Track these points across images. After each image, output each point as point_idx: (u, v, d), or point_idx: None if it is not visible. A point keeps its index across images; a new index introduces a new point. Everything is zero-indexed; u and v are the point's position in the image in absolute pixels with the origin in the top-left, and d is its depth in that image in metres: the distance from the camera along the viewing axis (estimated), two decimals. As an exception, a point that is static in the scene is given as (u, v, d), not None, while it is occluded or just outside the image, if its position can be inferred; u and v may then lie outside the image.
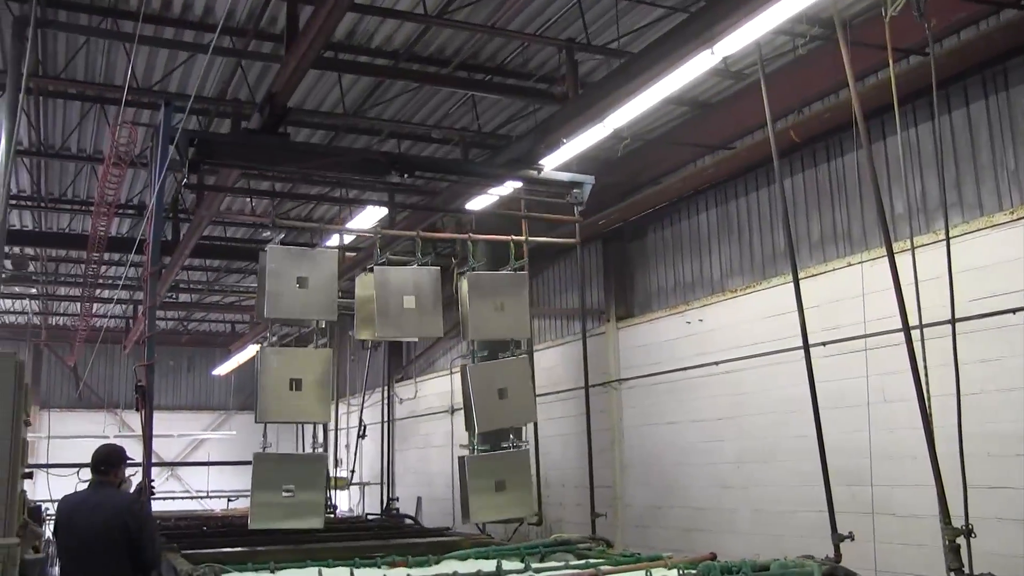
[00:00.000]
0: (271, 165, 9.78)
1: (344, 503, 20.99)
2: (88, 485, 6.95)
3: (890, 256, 6.04)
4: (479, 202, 10.76)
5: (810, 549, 5.91)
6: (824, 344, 9.81)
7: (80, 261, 18.31)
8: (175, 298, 21.75)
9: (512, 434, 8.50)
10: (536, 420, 8.81)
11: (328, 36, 7.79)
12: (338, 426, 20.34)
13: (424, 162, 11.75)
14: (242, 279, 21.33)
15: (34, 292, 20.97)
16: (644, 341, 13.87)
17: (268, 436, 7.56)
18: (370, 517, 14.61)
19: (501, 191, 10.38)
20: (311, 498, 7.56)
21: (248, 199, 15.24)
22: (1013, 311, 8.35)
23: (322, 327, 8.13)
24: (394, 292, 8.07)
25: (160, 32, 10.08)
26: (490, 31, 10.04)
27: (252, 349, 20.39)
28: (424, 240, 8.77)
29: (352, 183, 12.84)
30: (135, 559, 6.56)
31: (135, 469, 7.78)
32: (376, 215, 11.67)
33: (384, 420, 19.33)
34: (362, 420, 16.27)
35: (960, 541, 5.58)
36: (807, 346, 6.94)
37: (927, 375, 5.88)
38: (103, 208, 13.01)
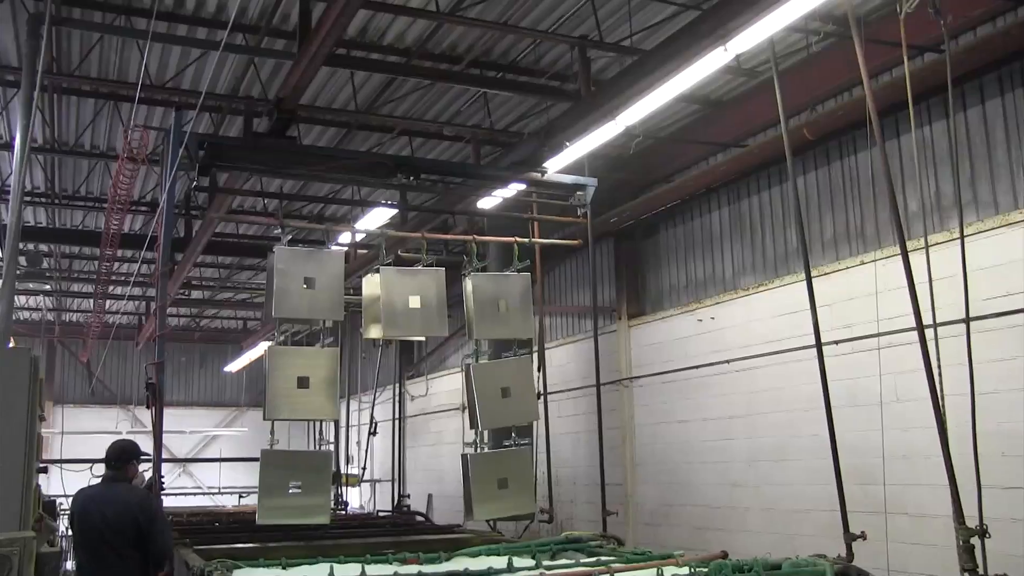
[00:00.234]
0: (279, 168, 9.91)
1: (355, 500, 21.03)
2: (102, 479, 7.08)
3: (904, 255, 5.99)
4: (488, 202, 10.78)
5: (822, 548, 5.87)
6: (837, 343, 9.78)
7: (94, 258, 18.39)
8: (187, 295, 21.83)
9: (514, 432, 8.59)
10: (538, 418, 8.85)
11: (340, 33, 7.82)
12: (349, 423, 20.41)
13: (430, 164, 11.81)
14: (254, 276, 21.38)
15: (48, 288, 21.06)
16: (656, 339, 13.85)
17: (282, 434, 7.63)
18: (381, 514, 14.62)
19: (509, 192, 10.41)
20: (318, 494, 7.65)
21: (262, 192, 15.26)
22: (1028, 310, 8.31)
23: (329, 326, 8.22)
24: (400, 292, 8.17)
25: (173, 29, 10.11)
26: (502, 28, 10.04)
27: (264, 346, 20.42)
28: (434, 240, 8.81)
29: (363, 182, 12.88)
30: (147, 551, 6.69)
31: (147, 465, 7.88)
32: (386, 213, 11.68)
33: (395, 417, 19.31)
34: (373, 417, 16.25)
35: (974, 541, 5.54)
36: (820, 345, 6.89)
37: (941, 374, 5.84)
38: (116, 205, 13.04)
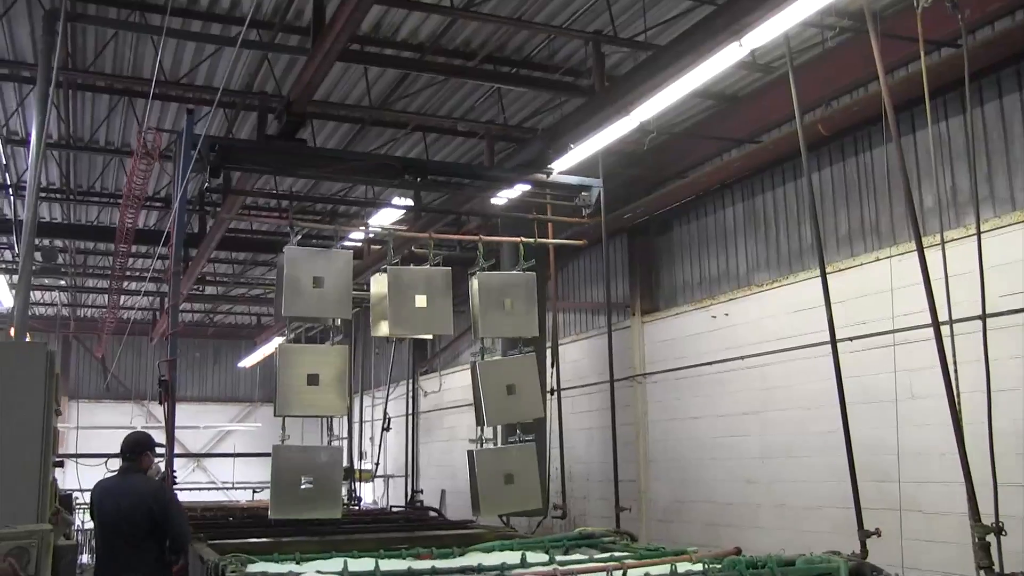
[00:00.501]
0: (289, 170, 10.12)
1: (368, 495, 21.07)
2: (118, 471, 7.33)
3: (920, 251, 5.97)
4: (500, 200, 10.80)
5: (836, 545, 5.85)
6: (851, 339, 9.74)
7: (108, 253, 18.46)
8: (201, 290, 21.87)
9: (519, 428, 8.69)
10: (544, 415, 8.93)
11: (354, 28, 7.81)
12: (363, 419, 20.45)
13: (437, 166, 11.89)
14: (267, 271, 21.42)
15: (63, 284, 21.14)
16: (669, 335, 13.83)
17: (296, 429, 7.71)
18: (394, 509, 14.66)
19: (520, 190, 10.46)
20: (329, 489, 7.80)
21: (273, 192, 15.31)
22: (1045, 307, 8.26)
23: (338, 324, 8.35)
24: (406, 291, 8.29)
25: (187, 25, 10.13)
26: (516, 24, 10.02)
27: (277, 342, 20.49)
28: (444, 239, 8.90)
29: (372, 183, 12.96)
30: (163, 541, 6.96)
31: (161, 458, 8.07)
32: (398, 211, 11.73)
33: (408, 413, 19.39)
34: (387, 413, 16.31)
35: (990, 539, 5.53)
36: (834, 341, 6.88)
37: (956, 371, 5.82)
38: (131, 201, 13.10)
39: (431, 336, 11.50)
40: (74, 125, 13.03)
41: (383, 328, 8.57)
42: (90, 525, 8.06)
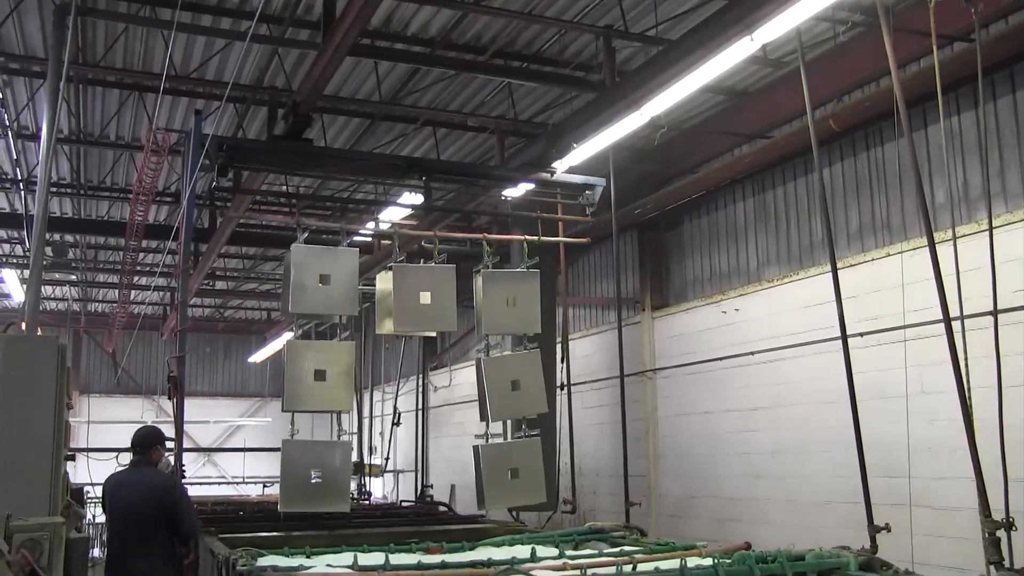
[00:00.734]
0: (296, 169, 10.35)
1: (378, 490, 21.11)
2: (129, 464, 7.48)
3: (931, 246, 5.96)
4: (514, 194, 10.81)
5: (846, 541, 5.84)
6: (862, 335, 9.72)
7: (119, 248, 18.51)
8: (211, 285, 21.94)
9: (524, 424, 8.79)
10: (547, 410, 8.99)
11: (365, 23, 7.82)
12: (373, 413, 20.48)
13: (442, 165, 11.94)
14: (277, 267, 21.44)
15: (74, 279, 21.20)
16: (679, 331, 13.81)
17: (307, 424, 7.77)
18: (404, 504, 14.68)
19: (528, 187, 10.50)
20: (338, 483, 7.92)
21: (284, 187, 15.33)
22: (1057, 303, 8.22)
23: (344, 321, 8.55)
24: (411, 288, 8.38)
25: (197, 20, 10.15)
26: (527, 18, 10.01)
27: (287, 337, 20.53)
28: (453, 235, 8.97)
29: (378, 182, 13.07)
30: (173, 533, 7.07)
31: (168, 452, 8.20)
32: (415, 199, 11.77)
33: (418, 408, 19.41)
34: (396, 408, 16.33)
35: (1000, 534, 5.52)
36: (845, 337, 6.87)
37: (968, 367, 5.80)
38: (141, 196, 13.13)
39: (435, 333, 11.57)
40: (84, 120, 13.06)
41: (388, 325, 8.65)
42: (101, 519, 8.20)
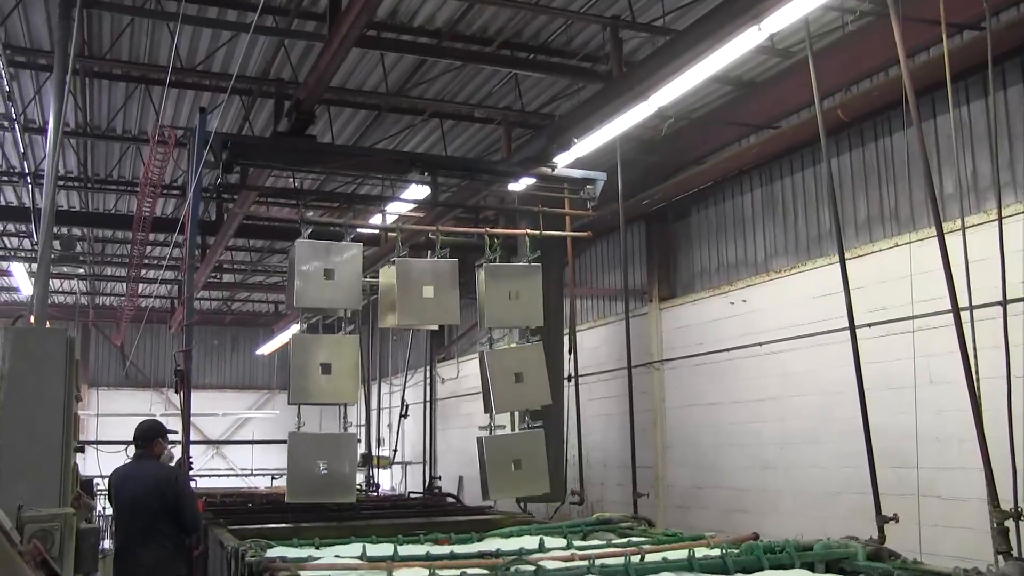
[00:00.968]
0: (299, 166, 10.55)
1: (386, 482, 21.15)
2: (132, 457, 7.71)
3: (940, 236, 5.93)
4: (520, 187, 10.85)
5: (853, 531, 5.83)
6: (870, 325, 9.68)
7: (126, 241, 18.54)
8: (219, 278, 21.96)
9: (528, 415, 8.92)
10: (551, 402, 9.06)
11: (371, 14, 7.81)
12: (380, 405, 20.51)
13: (445, 161, 12.00)
14: (285, 259, 21.41)
15: (82, 272, 21.26)
16: (687, 322, 13.80)
17: (314, 416, 7.83)
18: (412, 496, 14.71)
19: (526, 184, 10.59)
20: (343, 474, 8.07)
21: (290, 179, 15.32)
22: (1066, 293, 8.17)
23: (349, 316, 8.65)
24: (414, 282, 8.50)
25: (203, 12, 10.13)
26: (534, 9, 9.99)
27: (295, 330, 20.56)
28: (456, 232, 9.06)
29: (381, 177, 13.14)
30: (176, 523, 7.27)
31: (175, 445, 8.35)
32: (414, 197, 11.83)
33: (426, 400, 19.41)
34: (404, 400, 16.35)
35: (1008, 524, 5.51)
36: (853, 327, 6.85)
37: (976, 357, 5.78)
38: (148, 189, 13.14)
39: (437, 326, 11.70)
40: (91, 113, 13.08)
41: (392, 318, 8.76)
42: (111, 511, 8.31)
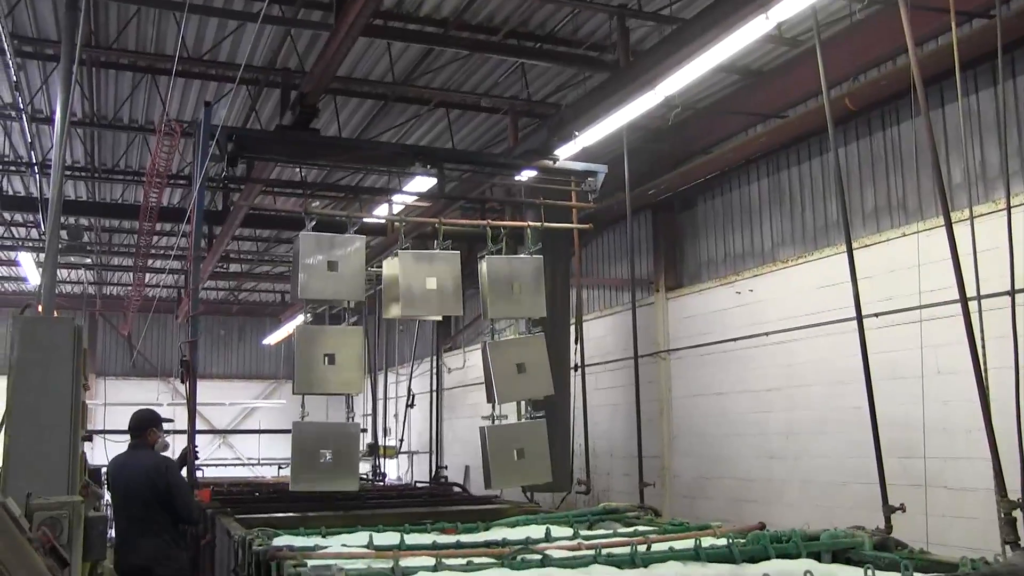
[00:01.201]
0: (304, 159, 10.70)
1: (393, 471, 21.19)
2: (127, 447, 7.89)
3: (948, 226, 5.90)
4: (525, 177, 10.88)
5: (860, 521, 5.82)
6: (877, 315, 9.67)
7: (133, 231, 18.57)
8: (226, 268, 21.99)
9: (530, 406, 8.93)
10: (552, 392, 9.06)
11: (377, 3, 7.81)
12: (387, 395, 20.52)
13: (447, 154, 12.03)
14: (291, 249, 21.46)
15: (89, 262, 21.30)
16: (693, 311, 13.79)
17: (323, 407, 7.90)
18: (419, 485, 14.74)
19: (528, 176, 10.63)
20: (347, 463, 8.10)
21: (297, 169, 15.33)
22: (1074, 282, 8.14)
23: (352, 307, 8.74)
24: (417, 274, 8.53)
25: (210, 1, 10.11)
26: (540, -2, 9.97)
27: (301, 319, 20.58)
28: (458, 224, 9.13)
29: (384, 171, 13.24)
30: (171, 512, 7.43)
31: (170, 435, 8.50)
32: (421, 186, 11.86)
33: (433, 389, 19.43)
34: (411, 390, 16.36)
35: (1016, 514, 5.50)
36: (860, 317, 6.83)
37: (984, 347, 5.77)
38: (155, 179, 13.16)
39: (440, 317, 11.77)
40: (98, 103, 13.08)
41: (395, 309, 8.79)
42: (109, 500, 8.44)
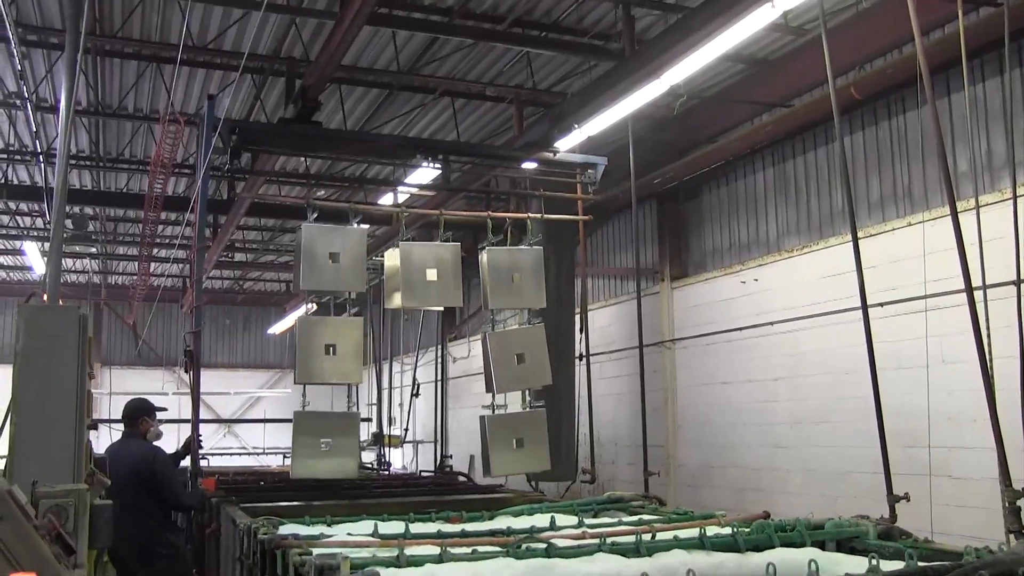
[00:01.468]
0: (306, 151, 10.90)
1: (398, 461, 21.22)
2: (121, 435, 8.10)
3: (953, 215, 5.88)
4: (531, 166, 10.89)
5: (865, 510, 5.83)
6: (882, 305, 9.65)
7: (138, 220, 18.58)
8: (231, 257, 21.99)
9: (530, 395, 9.02)
10: (551, 383, 9.11)
11: (383, -8, 7.78)
12: (392, 384, 20.56)
13: (448, 146, 12.07)
14: (295, 238, 21.46)
15: (94, 251, 21.32)
16: (698, 301, 13.78)
17: (327, 397, 7.92)
18: (424, 474, 14.76)
19: (529, 167, 10.67)
20: (346, 451, 8.25)
21: (302, 159, 15.32)
22: (1080, 272, 8.12)
23: (353, 298, 8.85)
24: (417, 266, 8.60)
25: (215, -10, 10.13)
26: (545, -14, 9.95)
27: (306, 308, 20.58)
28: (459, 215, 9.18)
29: (386, 163, 13.30)
30: (157, 499, 7.70)
31: (173, 421, 8.58)
32: (422, 178, 11.89)
33: (437, 379, 19.46)
34: (415, 379, 16.39)
35: (1021, 503, 5.49)
36: (865, 307, 6.80)
37: (989, 336, 5.75)
38: (160, 168, 13.17)
39: (441, 308, 11.85)
40: (103, 92, 13.08)
41: (396, 300, 8.87)
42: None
